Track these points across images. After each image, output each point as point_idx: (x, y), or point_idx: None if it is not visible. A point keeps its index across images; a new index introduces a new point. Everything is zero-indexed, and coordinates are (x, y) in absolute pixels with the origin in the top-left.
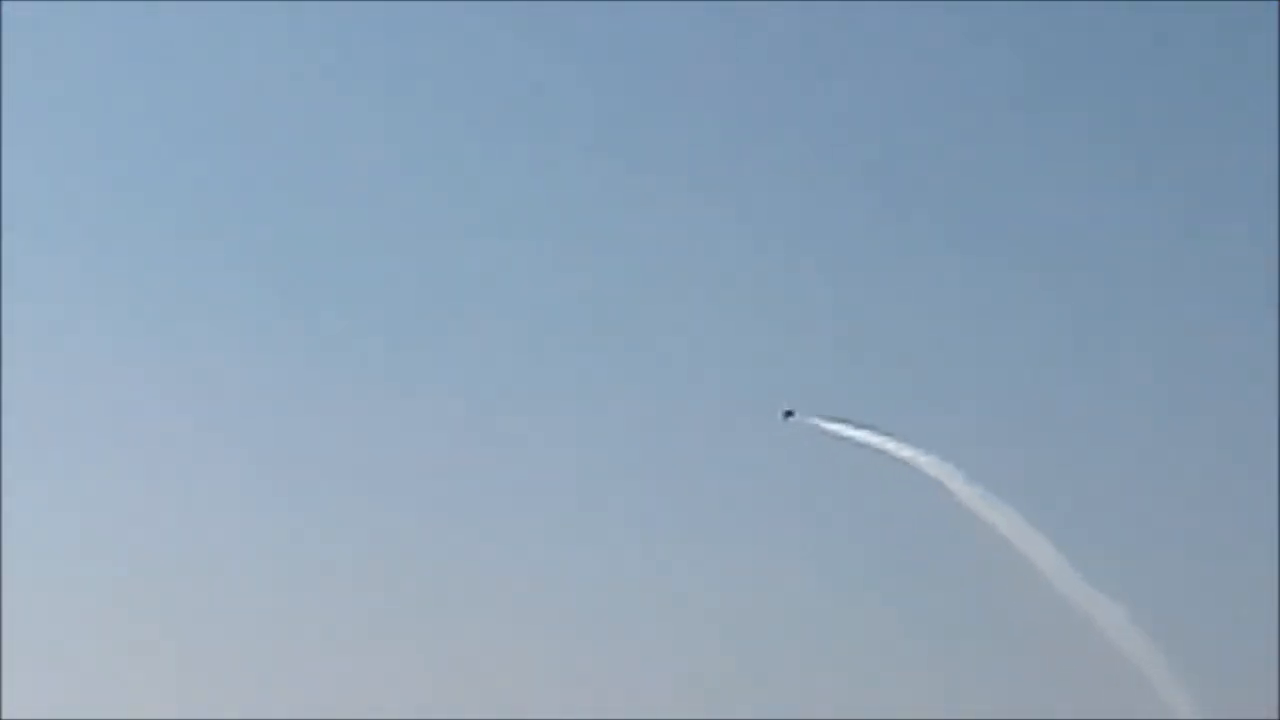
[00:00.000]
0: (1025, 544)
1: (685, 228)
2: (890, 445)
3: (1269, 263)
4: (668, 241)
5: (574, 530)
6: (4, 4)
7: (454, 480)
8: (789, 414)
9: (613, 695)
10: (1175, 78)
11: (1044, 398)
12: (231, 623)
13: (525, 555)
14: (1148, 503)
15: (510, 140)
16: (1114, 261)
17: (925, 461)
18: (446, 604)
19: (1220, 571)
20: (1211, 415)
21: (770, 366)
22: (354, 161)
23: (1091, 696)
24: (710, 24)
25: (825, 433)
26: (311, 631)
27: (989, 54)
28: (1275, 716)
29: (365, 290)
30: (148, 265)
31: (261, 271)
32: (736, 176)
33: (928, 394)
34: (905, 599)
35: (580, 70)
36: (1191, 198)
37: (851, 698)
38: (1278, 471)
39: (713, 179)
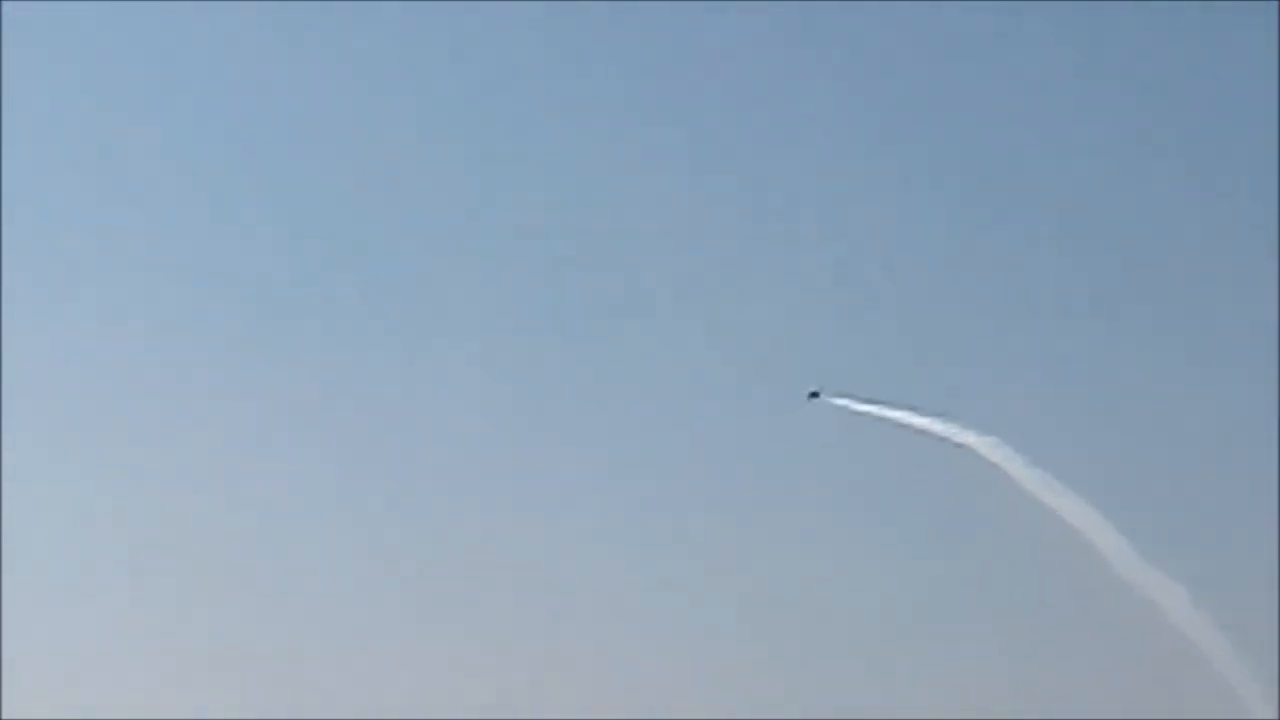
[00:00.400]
0: (1087, 527)
1: (722, 210)
2: (944, 428)
3: (1271, 261)
4: (705, 224)
5: (602, 518)
6: (4, 4)
7: (478, 465)
8: (814, 394)
9: (641, 683)
10: (1175, 78)
11: (1100, 376)
12: (233, 623)
13: (549, 541)
14: (1210, 483)
15: (534, 118)
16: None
17: (983, 444)
18: (470, 589)
19: None
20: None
21: (820, 352)
22: (355, 160)
23: (1155, 680)
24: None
25: (877, 418)
26: (314, 632)
27: (1000, 53)
28: None
29: (365, 287)
30: (148, 264)
31: (263, 271)
32: (769, 156)
33: (980, 377)
34: (960, 584)
35: (608, 52)
36: (1193, 198)
37: (906, 687)
38: None
39: (743, 156)
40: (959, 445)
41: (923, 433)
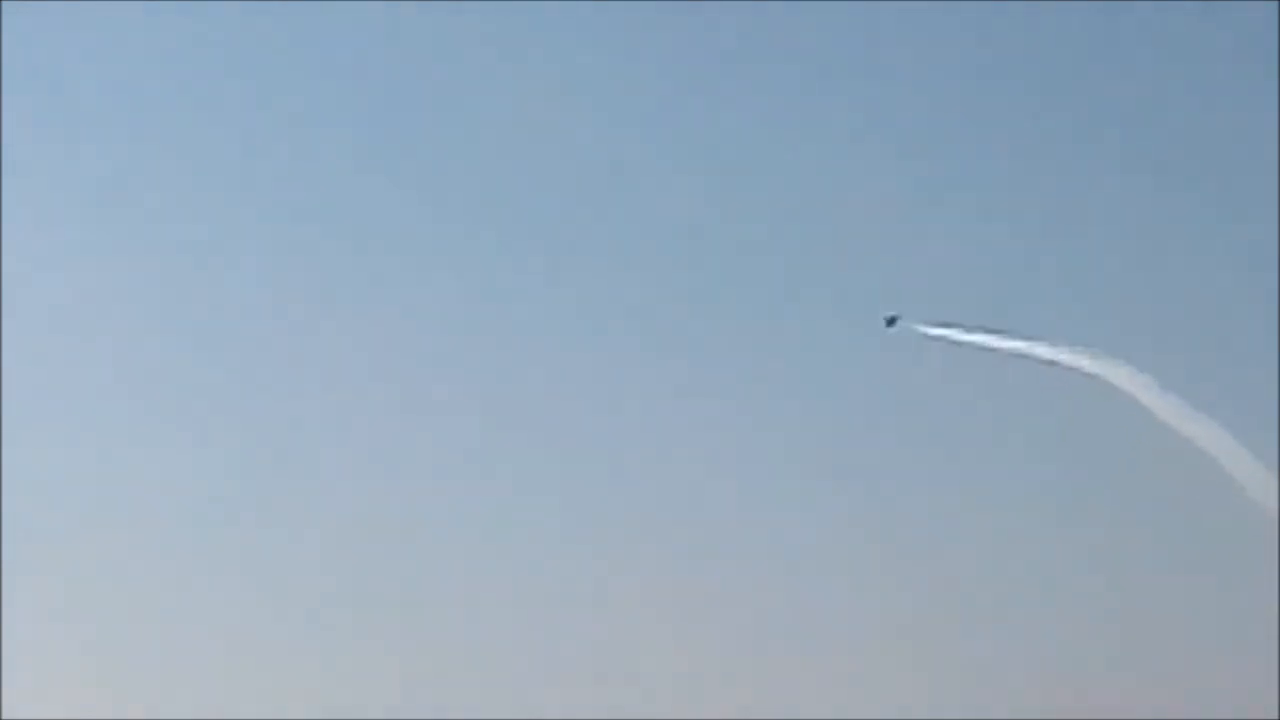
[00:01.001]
0: (1231, 461)
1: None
2: (1067, 355)
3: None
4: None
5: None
6: (4, 4)
7: (533, 410)
8: (892, 321)
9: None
10: (1175, 78)
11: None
12: (234, 623)
13: (622, 487)
14: None
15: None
16: None
17: (1116, 373)
18: (541, 545)
19: None
20: None
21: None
22: (355, 160)
23: None
24: None
25: (980, 347)
26: (315, 631)
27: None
28: None
29: (366, 283)
30: (148, 265)
31: (264, 275)
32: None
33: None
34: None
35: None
36: (1192, 201)
37: (1034, 636)
38: None
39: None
40: (1087, 373)
41: (1031, 359)
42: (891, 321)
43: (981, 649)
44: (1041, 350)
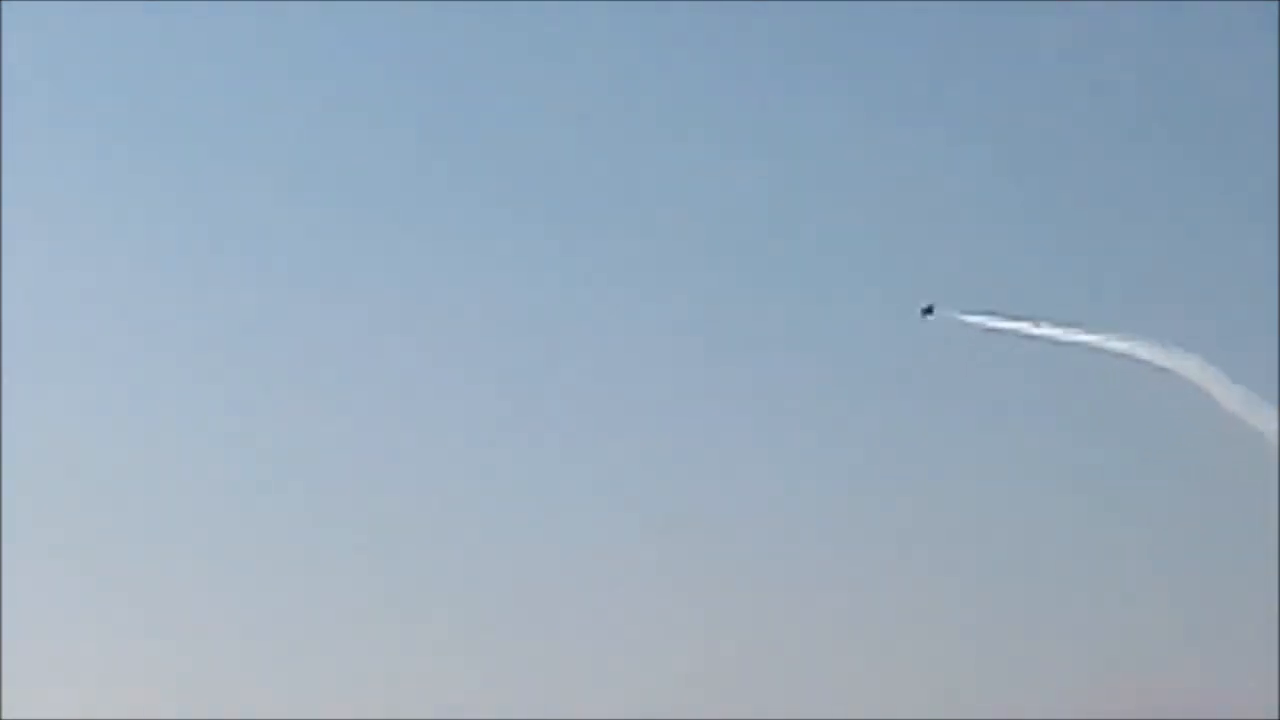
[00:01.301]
0: None
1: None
2: (1134, 347)
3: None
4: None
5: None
6: (4, 4)
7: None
8: (928, 310)
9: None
10: (1175, 78)
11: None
12: (236, 624)
13: (673, 473)
14: None
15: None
16: None
17: (1184, 365)
18: (568, 531)
19: None
20: None
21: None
22: (356, 160)
23: None
24: None
25: (1039, 338)
26: (315, 632)
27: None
28: None
29: (368, 284)
30: (148, 266)
31: (265, 274)
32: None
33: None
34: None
35: None
36: (1191, 202)
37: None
38: None
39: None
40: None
41: (1102, 353)
42: (928, 311)
43: (1035, 646)
44: (1112, 343)
